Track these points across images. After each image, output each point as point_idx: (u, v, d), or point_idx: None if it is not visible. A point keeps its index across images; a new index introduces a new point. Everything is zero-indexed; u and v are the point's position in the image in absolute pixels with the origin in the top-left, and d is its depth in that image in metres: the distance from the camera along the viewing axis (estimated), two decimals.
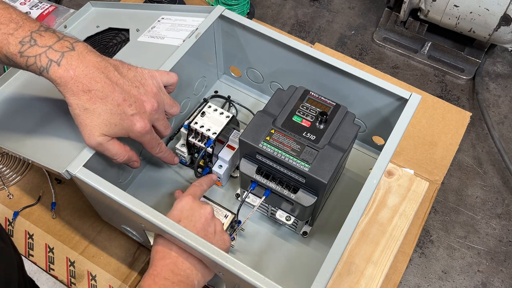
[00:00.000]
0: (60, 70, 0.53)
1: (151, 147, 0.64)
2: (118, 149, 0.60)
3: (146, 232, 0.66)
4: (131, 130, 0.58)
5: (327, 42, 1.12)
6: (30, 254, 0.78)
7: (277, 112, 0.65)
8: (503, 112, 1.02)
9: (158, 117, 0.62)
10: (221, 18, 0.77)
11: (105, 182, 0.58)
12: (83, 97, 0.54)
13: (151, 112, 0.60)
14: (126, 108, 0.56)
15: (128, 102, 0.56)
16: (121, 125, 0.57)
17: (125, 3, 0.84)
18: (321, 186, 0.61)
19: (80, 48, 0.54)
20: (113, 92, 0.55)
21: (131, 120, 0.57)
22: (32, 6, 1.10)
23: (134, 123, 0.58)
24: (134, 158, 0.63)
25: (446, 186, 0.91)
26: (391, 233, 0.77)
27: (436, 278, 0.81)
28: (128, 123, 0.57)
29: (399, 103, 0.69)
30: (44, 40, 0.53)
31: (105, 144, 0.57)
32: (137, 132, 0.58)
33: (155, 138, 0.63)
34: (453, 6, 0.97)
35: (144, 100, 0.59)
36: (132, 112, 0.57)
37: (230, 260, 0.53)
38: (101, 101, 0.54)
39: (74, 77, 0.53)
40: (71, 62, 0.53)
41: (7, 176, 0.85)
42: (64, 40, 0.54)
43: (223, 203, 0.75)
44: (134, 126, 0.58)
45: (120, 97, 0.56)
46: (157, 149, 0.65)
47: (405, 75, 1.07)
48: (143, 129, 0.59)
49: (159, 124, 0.63)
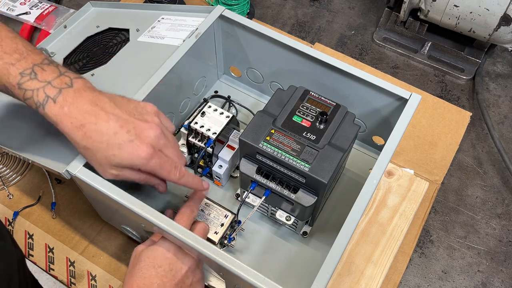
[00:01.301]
0: (55, 107, 0.51)
1: (167, 172, 0.57)
2: (135, 175, 0.57)
3: (146, 232, 0.66)
4: (136, 158, 0.53)
5: (327, 42, 1.12)
6: (30, 254, 0.78)
7: (277, 112, 0.65)
8: (503, 112, 1.02)
9: (165, 144, 0.57)
10: (221, 18, 0.77)
11: (105, 182, 0.58)
12: (78, 133, 0.52)
13: (155, 137, 0.55)
14: (124, 135, 0.53)
15: (126, 129, 0.53)
16: (122, 155, 0.53)
17: (125, 3, 0.84)
18: (321, 186, 0.61)
19: (79, 85, 0.53)
20: (108, 121, 0.52)
21: (132, 147, 0.53)
22: (32, 6, 1.10)
23: (136, 149, 0.53)
24: (156, 181, 0.60)
25: (446, 186, 0.91)
26: (391, 233, 0.77)
27: (436, 278, 0.81)
28: (129, 150, 0.53)
29: (399, 103, 0.69)
30: (44, 75, 0.52)
31: (121, 175, 0.55)
32: (142, 158, 0.54)
33: (168, 161, 0.57)
34: (453, 6, 0.97)
35: (145, 127, 0.55)
36: (131, 138, 0.53)
37: (230, 260, 0.53)
38: (96, 134, 0.52)
39: (67, 114, 0.51)
40: (67, 99, 0.51)
41: (7, 176, 0.85)
42: (65, 75, 0.53)
43: (223, 203, 0.75)
44: (137, 152, 0.53)
45: (116, 125, 0.52)
46: (176, 173, 0.58)
47: (405, 75, 1.07)
48: (147, 153, 0.54)
49: (168, 152, 0.57)
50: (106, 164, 0.54)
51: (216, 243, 0.70)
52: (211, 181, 0.79)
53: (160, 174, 0.57)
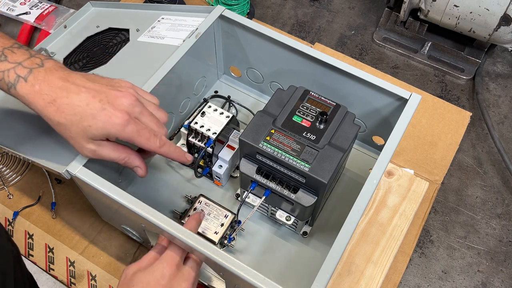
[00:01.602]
0: (27, 86, 0.51)
1: (146, 140, 0.55)
2: (113, 151, 0.56)
3: (146, 232, 0.66)
4: (111, 126, 0.52)
5: (327, 42, 1.12)
6: (30, 254, 0.78)
7: (277, 112, 0.65)
8: (503, 112, 1.02)
9: (141, 111, 0.55)
10: (221, 18, 0.77)
11: (105, 182, 0.58)
12: (51, 109, 0.51)
13: (129, 105, 0.54)
14: (96, 104, 0.52)
15: (98, 98, 0.52)
16: (97, 125, 0.52)
17: (125, 3, 0.84)
18: (321, 186, 0.61)
19: (50, 64, 0.53)
20: (79, 94, 0.51)
21: (106, 115, 0.52)
22: (32, 6, 1.10)
23: (109, 116, 0.52)
24: (136, 162, 0.58)
25: (446, 186, 0.91)
26: (391, 233, 0.77)
27: (436, 278, 0.81)
28: (103, 118, 0.52)
29: (399, 103, 0.69)
30: (15, 57, 0.52)
31: (99, 150, 0.54)
32: (117, 125, 0.52)
33: (146, 128, 0.55)
34: (453, 6, 0.97)
35: (118, 95, 0.53)
36: (104, 106, 0.52)
37: (230, 260, 0.53)
38: (68, 108, 0.51)
39: (39, 91, 0.51)
40: (38, 77, 0.51)
41: (7, 176, 0.85)
42: (36, 57, 0.53)
43: (223, 203, 0.75)
44: (111, 119, 0.52)
45: (88, 96, 0.52)
46: (156, 141, 0.56)
47: (405, 75, 1.07)
48: (122, 119, 0.52)
49: (146, 120, 0.56)
50: (83, 138, 0.53)
51: (216, 243, 0.70)
52: (211, 181, 0.79)
53: (138, 143, 0.55)
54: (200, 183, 0.79)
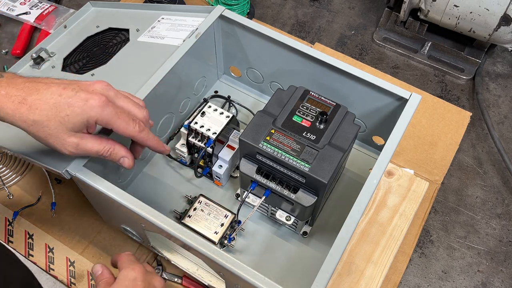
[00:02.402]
0: None
1: (125, 123, 0.53)
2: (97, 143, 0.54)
3: (146, 232, 0.66)
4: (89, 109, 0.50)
5: (327, 42, 1.12)
6: (30, 254, 0.78)
7: (277, 112, 0.65)
8: (503, 112, 1.02)
9: (116, 94, 0.54)
10: (221, 18, 0.77)
11: (105, 182, 0.58)
12: (22, 109, 0.49)
13: (102, 88, 0.52)
14: (70, 93, 0.50)
15: (70, 88, 0.51)
16: (75, 112, 0.50)
17: (125, 3, 0.84)
18: (321, 186, 0.61)
19: (10, 75, 0.52)
20: (49, 88, 0.50)
21: (82, 99, 0.50)
22: (32, 6, 1.10)
23: (86, 99, 0.50)
24: (122, 152, 0.56)
25: (446, 186, 0.91)
26: (391, 233, 0.77)
27: (436, 278, 0.81)
28: (80, 104, 0.50)
29: (399, 103, 0.69)
30: None
31: (81, 143, 0.52)
32: (95, 107, 0.51)
33: (124, 112, 0.54)
34: (453, 6, 0.97)
35: (89, 83, 0.52)
36: (78, 93, 0.50)
37: (230, 260, 0.53)
38: (41, 103, 0.49)
39: (6, 95, 0.49)
40: (1, 84, 0.50)
41: (7, 176, 0.85)
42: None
43: (223, 203, 0.75)
44: (88, 102, 0.50)
45: (59, 89, 0.50)
46: (135, 125, 0.54)
47: (405, 75, 1.07)
48: (99, 101, 0.51)
49: (122, 103, 0.54)
50: (63, 131, 0.51)
51: (216, 243, 0.70)
52: (211, 181, 0.79)
53: (117, 126, 0.53)
54: (200, 183, 0.79)
